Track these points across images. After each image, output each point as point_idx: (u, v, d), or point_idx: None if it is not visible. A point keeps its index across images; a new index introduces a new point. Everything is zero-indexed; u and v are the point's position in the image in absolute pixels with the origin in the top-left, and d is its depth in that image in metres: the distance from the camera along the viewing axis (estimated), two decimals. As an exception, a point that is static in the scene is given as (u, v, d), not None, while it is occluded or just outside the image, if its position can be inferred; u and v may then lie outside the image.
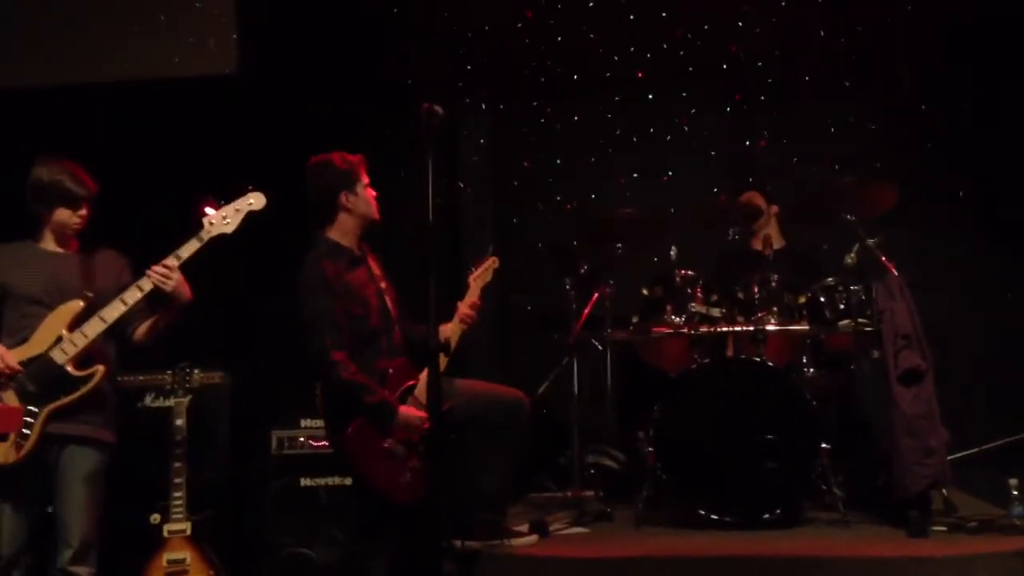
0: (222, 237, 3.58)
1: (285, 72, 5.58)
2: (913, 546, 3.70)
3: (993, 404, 5.12)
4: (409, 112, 3.36)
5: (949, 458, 4.14)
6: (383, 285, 3.92)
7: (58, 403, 3.43)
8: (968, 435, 4.75)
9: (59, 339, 3.45)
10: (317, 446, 4.38)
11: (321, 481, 4.39)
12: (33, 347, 3.45)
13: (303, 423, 4.47)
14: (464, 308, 3.94)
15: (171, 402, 4.14)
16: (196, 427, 4.19)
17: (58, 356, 3.43)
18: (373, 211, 3.89)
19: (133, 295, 3.48)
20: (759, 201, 4.98)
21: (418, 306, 3.65)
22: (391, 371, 3.77)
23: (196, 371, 4.22)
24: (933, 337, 4.17)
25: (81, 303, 3.50)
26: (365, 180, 3.88)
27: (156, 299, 3.55)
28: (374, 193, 3.89)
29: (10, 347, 3.46)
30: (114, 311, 3.46)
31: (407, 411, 3.69)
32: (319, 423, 4.24)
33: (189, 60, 5.58)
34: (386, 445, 3.67)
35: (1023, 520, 3.80)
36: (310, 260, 3.76)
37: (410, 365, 3.84)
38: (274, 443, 4.49)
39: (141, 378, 4.45)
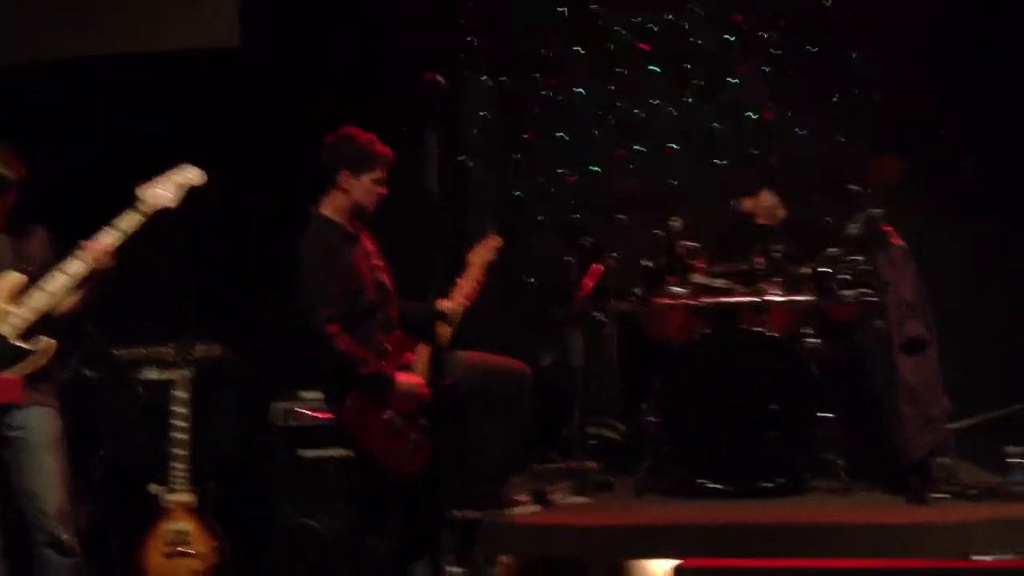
0: (166, 211, 3.54)
1: (288, 45, 5.56)
2: (913, 513, 3.70)
3: (995, 373, 5.09)
4: (413, 85, 3.33)
5: (950, 426, 4.14)
6: (377, 262, 3.92)
7: (10, 374, 3.34)
8: (970, 404, 4.73)
9: (1, 312, 3.37)
10: (320, 418, 4.39)
11: (324, 453, 4.40)
12: None
13: (305, 395, 4.49)
14: (464, 285, 3.95)
15: (173, 375, 4.17)
16: (198, 400, 4.21)
17: (4, 329, 3.36)
18: (368, 203, 3.84)
19: (75, 267, 3.41)
20: (767, 201, 4.95)
21: (419, 280, 3.67)
22: (389, 345, 3.78)
23: (198, 344, 4.24)
24: (937, 307, 4.16)
25: (21, 276, 3.43)
26: (378, 174, 3.83)
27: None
28: (383, 191, 3.85)
29: None
30: (57, 283, 3.40)
31: (404, 377, 3.70)
32: (320, 395, 4.25)
33: (190, 33, 5.56)
34: (385, 417, 3.68)
35: (1022, 487, 3.80)
36: (305, 236, 3.77)
37: (408, 339, 3.85)
38: (277, 415, 4.51)
39: (141, 351, 4.47)
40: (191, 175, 3.61)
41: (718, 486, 4.03)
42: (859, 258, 4.29)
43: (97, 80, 5.45)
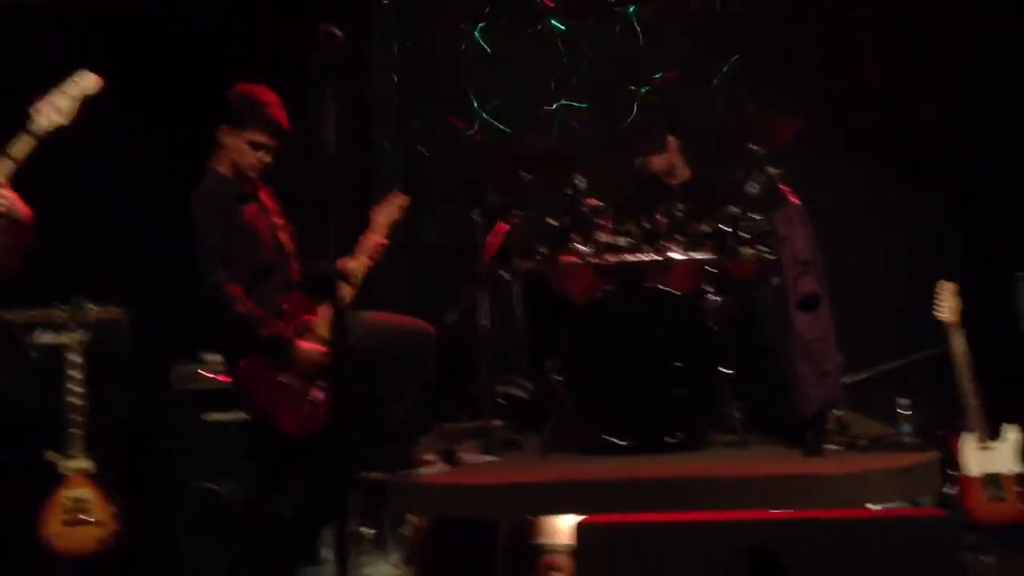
0: (60, 129, 3.19)
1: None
2: (808, 464, 3.82)
3: (887, 328, 5.30)
4: (309, 36, 3.24)
5: (843, 380, 4.29)
6: (277, 220, 3.83)
7: None
8: (863, 358, 4.92)
9: None
10: (220, 381, 4.31)
11: (225, 416, 4.34)
12: None
13: (206, 357, 4.40)
14: (367, 243, 3.90)
15: (65, 338, 4.03)
16: (95, 363, 4.10)
17: None
18: (245, 164, 3.69)
19: None
20: (676, 160, 5.01)
21: (322, 240, 3.61)
22: (287, 306, 3.71)
23: (91, 306, 4.11)
24: (834, 262, 4.28)
25: None
26: (257, 137, 3.68)
27: None
28: (265, 159, 3.71)
29: None
30: None
31: (305, 345, 3.65)
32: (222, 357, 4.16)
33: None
34: (281, 379, 3.63)
35: (911, 437, 3.98)
36: (196, 192, 3.66)
37: (308, 300, 3.79)
38: (177, 378, 4.42)
39: (32, 313, 4.30)
40: (85, 83, 3.21)
41: (622, 442, 4.10)
42: (758, 217, 4.39)
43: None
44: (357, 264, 3.84)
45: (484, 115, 6.02)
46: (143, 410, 4.49)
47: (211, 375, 4.37)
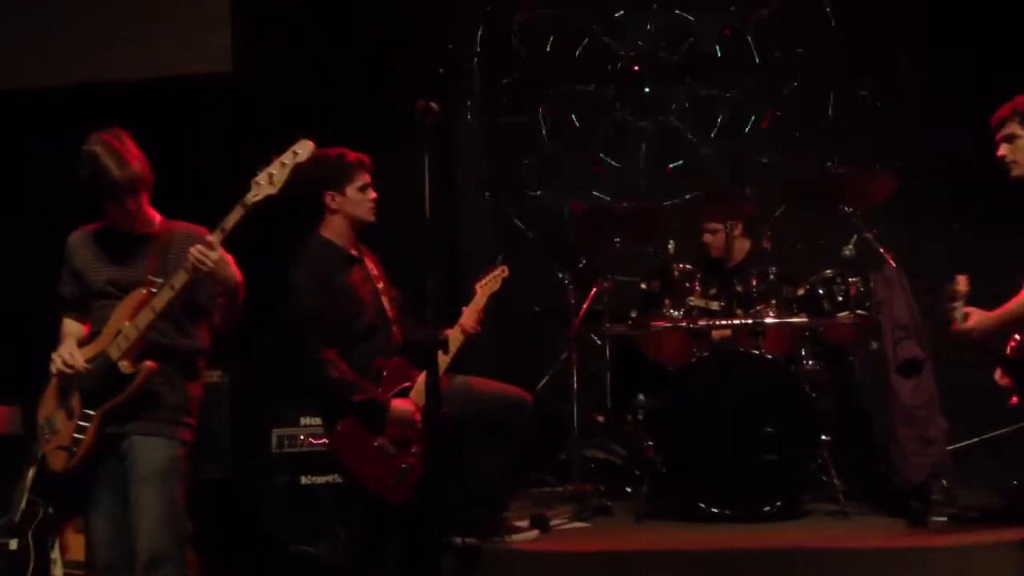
0: (268, 200, 3.07)
1: (281, 69, 5.58)
2: (913, 536, 3.71)
3: (993, 394, 5.11)
4: (406, 109, 3.33)
5: (948, 448, 4.16)
6: (380, 285, 3.90)
7: (108, 404, 3.08)
8: (968, 425, 4.75)
9: (119, 332, 3.09)
10: (317, 444, 4.38)
11: (322, 479, 4.39)
12: (101, 342, 3.12)
13: (303, 421, 4.47)
14: (468, 315, 3.92)
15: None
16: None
17: (113, 352, 3.07)
18: (364, 213, 3.79)
19: (180, 278, 3.05)
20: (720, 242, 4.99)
21: (416, 304, 3.65)
22: (386, 371, 3.75)
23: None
24: (933, 326, 4.17)
25: (144, 291, 3.11)
26: (361, 181, 3.78)
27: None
28: (374, 195, 3.81)
29: (93, 337, 3.17)
30: (162, 298, 3.05)
31: (399, 403, 3.67)
32: (319, 421, 4.23)
33: (184, 58, 5.57)
34: (376, 444, 3.65)
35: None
36: (302, 259, 3.75)
37: (407, 365, 3.81)
38: (274, 441, 4.49)
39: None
40: (299, 151, 3.09)
41: (717, 510, 4.03)
42: (854, 279, 4.32)
43: (93, 107, 5.44)
44: (454, 333, 3.87)
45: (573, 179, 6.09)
46: (242, 471, 4.57)
47: (308, 438, 4.44)
